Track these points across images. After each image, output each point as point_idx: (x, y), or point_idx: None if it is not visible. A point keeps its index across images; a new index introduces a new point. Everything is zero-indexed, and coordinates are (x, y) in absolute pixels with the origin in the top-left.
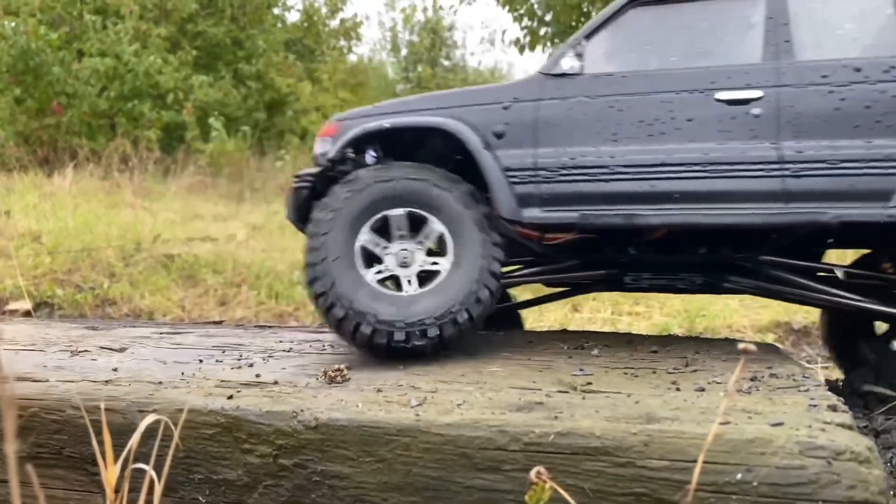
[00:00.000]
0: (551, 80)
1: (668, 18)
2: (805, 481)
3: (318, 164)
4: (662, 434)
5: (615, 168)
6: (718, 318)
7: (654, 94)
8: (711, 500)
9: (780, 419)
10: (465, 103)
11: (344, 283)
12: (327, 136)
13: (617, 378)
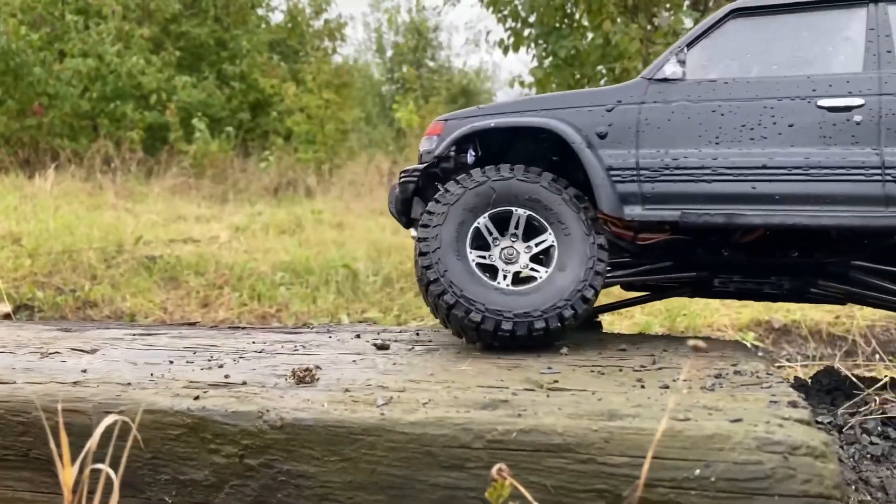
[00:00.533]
0: (654, 84)
1: (769, 28)
2: (762, 476)
3: (422, 161)
4: (623, 431)
5: (717, 169)
6: (699, 318)
7: (756, 99)
8: (671, 496)
9: (739, 415)
10: (568, 105)
11: (455, 273)
12: (433, 135)
13: (583, 376)
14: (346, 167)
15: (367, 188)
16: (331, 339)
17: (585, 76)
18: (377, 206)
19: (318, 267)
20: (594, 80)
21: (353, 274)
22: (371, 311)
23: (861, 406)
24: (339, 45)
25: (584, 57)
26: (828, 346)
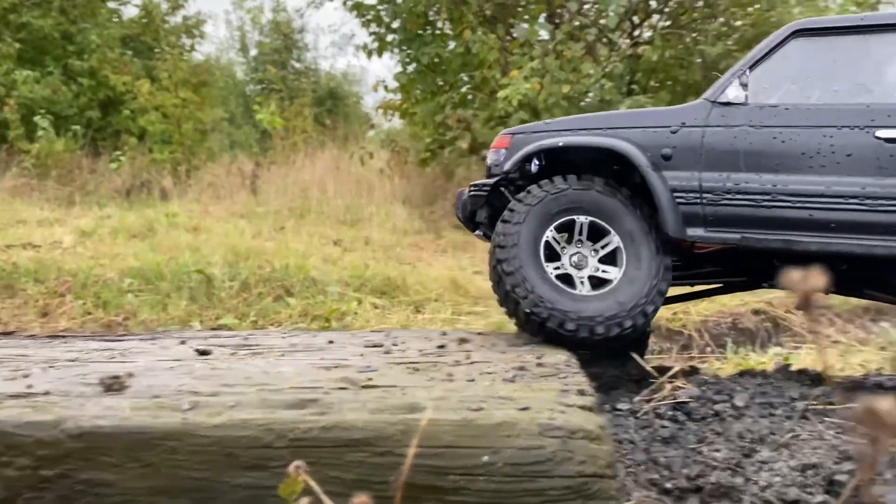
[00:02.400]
0: (717, 107)
1: (831, 50)
2: (543, 459)
3: (490, 172)
4: (417, 422)
5: (777, 195)
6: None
7: (815, 127)
8: (462, 483)
9: (528, 404)
10: (634, 125)
11: (529, 269)
12: (500, 148)
13: (399, 373)
14: (206, 169)
15: (227, 190)
16: (153, 346)
17: (447, 83)
18: (238, 208)
19: (170, 272)
20: (456, 87)
21: (207, 279)
22: (226, 317)
23: (656, 393)
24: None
25: (446, 64)
26: (667, 341)
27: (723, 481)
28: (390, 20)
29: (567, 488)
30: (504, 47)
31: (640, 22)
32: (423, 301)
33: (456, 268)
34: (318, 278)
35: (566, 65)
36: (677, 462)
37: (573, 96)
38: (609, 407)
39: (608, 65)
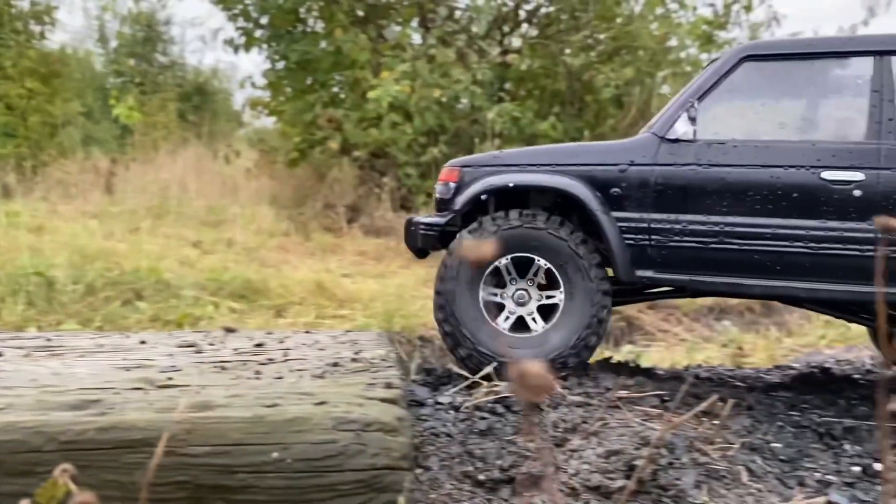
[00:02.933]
0: (665, 144)
1: (781, 77)
2: (335, 453)
3: (439, 207)
4: (206, 421)
5: (723, 238)
6: (415, 318)
7: (763, 167)
8: (250, 480)
9: (326, 399)
10: (584, 162)
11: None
12: (449, 182)
13: (205, 372)
14: (57, 165)
15: (80, 189)
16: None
17: (318, 81)
18: (91, 208)
19: (6, 275)
20: (327, 86)
21: (48, 282)
22: (68, 322)
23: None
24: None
25: (316, 63)
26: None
27: (534, 471)
28: (258, 15)
29: (358, 482)
30: (375, 48)
31: (510, 31)
32: (285, 305)
33: (323, 270)
34: (172, 281)
35: (437, 69)
36: (492, 454)
37: (445, 101)
38: (432, 401)
39: (478, 71)
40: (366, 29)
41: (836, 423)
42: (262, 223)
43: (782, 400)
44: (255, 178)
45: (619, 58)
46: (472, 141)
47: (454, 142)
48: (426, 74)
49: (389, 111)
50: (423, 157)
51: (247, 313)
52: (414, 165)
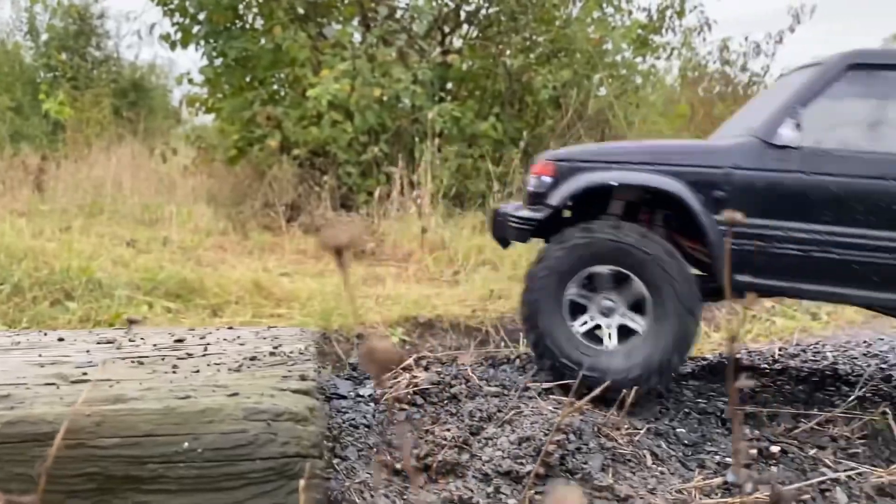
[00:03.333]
0: (771, 149)
1: (886, 86)
2: (245, 442)
3: (533, 201)
4: (117, 413)
5: (826, 247)
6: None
7: (868, 178)
8: (160, 471)
9: (239, 390)
10: (686, 163)
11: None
12: (544, 175)
13: (121, 367)
14: None
15: (8, 186)
16: None
17: (257, 79)
18: (19, 206)
19: None
20: (266, 83)
21: None
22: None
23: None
24: None
25: (255, 60)
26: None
27: (449, 458)
28: (196, 11)
29: (269, 469)
30: (315, 47)
31: (451, 31)
32: (222, 304)
33: (261, 269)
34: (104, 281)
35: (378, 68)
36: (410, 443)
37: (386, 100)
38: (353, 394)
39: (418, 70)
40: (306, 27)
41: (738, 410)
42: (200, 222)
43: (691, 388)
44: (193, 176)
45: (557, 60)
46: (412, 140)
47: (395, 141)
48: (367, 73)
49: (329, 109)
50: (364, 156)
51: (182, 313)
52: (355, 164)
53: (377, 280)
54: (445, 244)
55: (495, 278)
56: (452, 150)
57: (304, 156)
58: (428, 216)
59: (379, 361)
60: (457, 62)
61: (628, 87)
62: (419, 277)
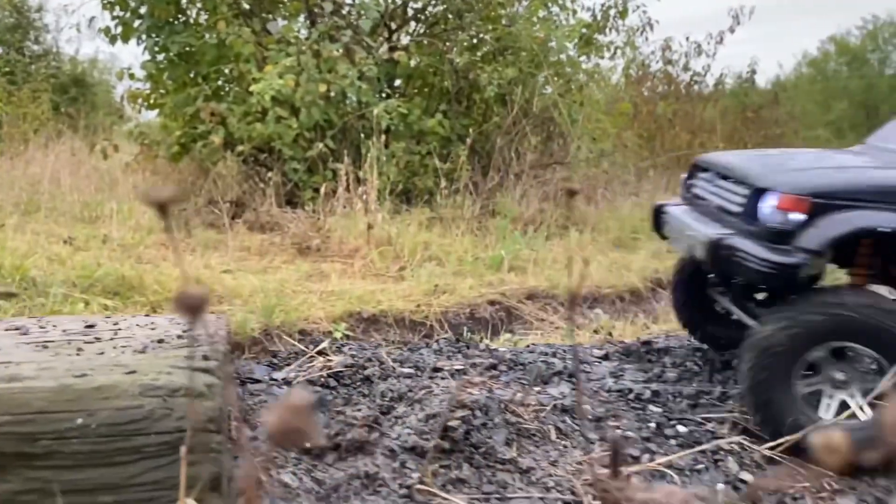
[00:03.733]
0: None
1: None
2: (140, 417)
3: (775, 239)
4: (10, 391)
5: None
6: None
7: None
8: (54, 446)
9: (137, 368)
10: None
11: None
12: (794, 212)
13: (24, 351)
14: None
15: None
16: None
17: (200, 74)
18: None
19: None
20: (210, 79)
21: None
22: None
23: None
24: None
25: (199, 55)
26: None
27: (358, 437)
28: (136, 5)
29: (164, 444)
30: (260, 42)
31: (397, 28)
32: (161, 301)
33: (202, 266)
34: (39, 279)
35: (323, 64)
36: (321, 423)
37: (332, 96)
38: (268, 378)
39: (364, 67)
40: (250, 22)
41: (645, 389)
42: (141, 219)
43: (605, 368)
44: (136, 173)
45: (503, 58)
46: (359, 136)
47: (342, 137)
48: (312, 69)
49: (274, 105)
50: (310, 152)
51: (120, 310)
52: (300, 160)
53: (322, 276)
54: (392, 240)
55: (441, 273)
56: (400, 147)
57: (248, 152)
58: (374, 212)
59: (189, 305)
60: (404, 59)
61: (573, 86)
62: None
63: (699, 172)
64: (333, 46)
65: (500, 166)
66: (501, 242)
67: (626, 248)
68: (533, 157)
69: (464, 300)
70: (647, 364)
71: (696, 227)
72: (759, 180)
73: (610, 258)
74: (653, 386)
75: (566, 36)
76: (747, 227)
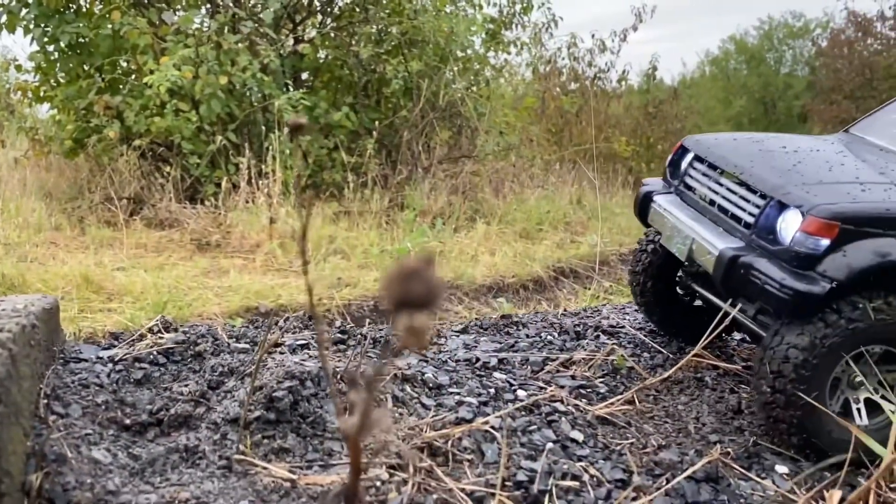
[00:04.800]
0: None
1: None
2: None
3: (800, 263)
4: None
5: None
6: (188, 308)
7: None
8: None
9: None
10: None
11: None
12: (821, 237)
13: None
14: None
15: None
16: None
17: (94, 66)
18: None
19: None
20: (104, 71)
21: None
22: None
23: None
24: None
25: (92, 47)
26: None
27: (182, 412)
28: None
29: None
30: (156, 34)
31: (301, 20)
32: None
33: (94, 264)
34: None
35: (224, 56)
36: (144, 400)
37: (235, 89)
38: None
39: (265, 58)
40: (146, 13)
41: (492, 357)
42: (30, 217)
43: (460, 341)
44: (26, 169)
45: (409, 51)
46: (262, 129)
47: (245, 131)
48: (212, 60)
49: (173, 98)
50: (211, 147)
51: None
52: (201, 155)
53: (221, 272)
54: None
55: (346, 267)
56: (305, 140)
57: (146, 147)
58: (278, 207)
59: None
60: (309, 51)
61: (480, 80)
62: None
63: (695, 162)
64: (235, 38)
65: (408, 160)
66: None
67: (531, 239)
68: (441, 152)
69: (368, 293)
70: (504, 336)
71: (701, 233)
72: (780, 194)
73: (515, 248)
74: (501, 355)
75: (470, 30)
76: (763, 244)
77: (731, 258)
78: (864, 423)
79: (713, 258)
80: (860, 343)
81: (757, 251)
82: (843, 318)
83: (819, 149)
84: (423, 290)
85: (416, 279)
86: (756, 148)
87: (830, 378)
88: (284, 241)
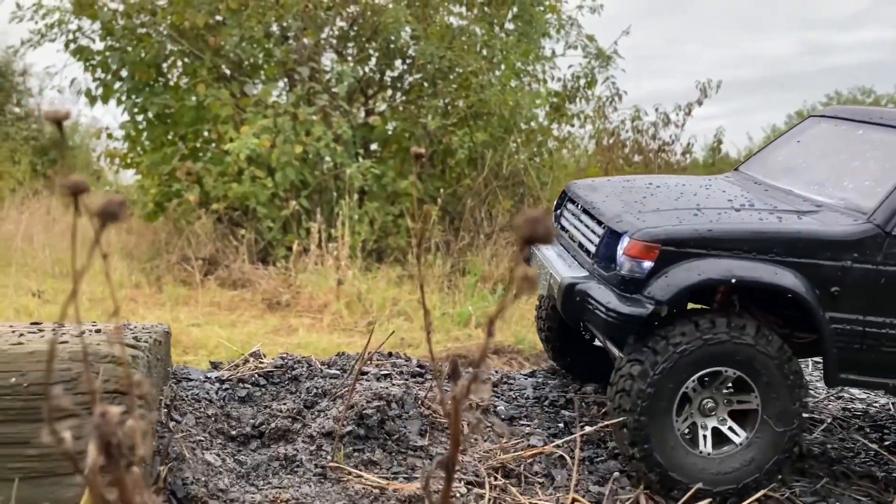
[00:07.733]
0: (891, 240)
1: None
2: (69, 378)
3: (627, 288)
4: None
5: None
6: None
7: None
8: None
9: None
10: (804, 256)
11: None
12: (642, 260)
13: None
14: None
15: None
16: None
17: (178, 135)
18: None
19: None
20: (187, 139)
21: None
22: None
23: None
24: None
25: (178, 117)
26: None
27: (281, 426)
28: (118, 67)
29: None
30: (238, 105)
31: (374, 94)
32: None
33: (171, 319)
34: None
35: (300, 126)
36: (248, 415)
37: (309, 157)
38: (202, 378)
39: (338, 129)
40: (229, 85)
41: (561, 396)
42: (112, 275)
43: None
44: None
45: (474, 123)
46: (332, 196)
47: (316, 197)
48: (288, 130)
49: (250, 166)
50: (284, 211)
51: None
52: (275, 219)
53: (290, 330)
54: (361, 296)
55: (409, 328)
56: (374, 206)
57: (222, 211)
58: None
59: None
60: (379, 123)
61: (543, 151)
62: (333, 328)
63: (568, 203)
64: (310, 110)
65: (470, 227)
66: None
67: None
68: (503, 219)
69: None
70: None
71: (556, 267)
72: (613, 222)
73: None
74: (568, 395)
75: (534, 103)
76: (601, 272)
77: (567, 286)
78: (706, 452)
79: (557, 287)
80: (695, 367)
81: (595, 279)
82: (671, 344)
83: (685, 184)
84: (544, 231)
85: (539, 223)
86: (621, 186)
87: (674, 406)
88: (351, 302)
